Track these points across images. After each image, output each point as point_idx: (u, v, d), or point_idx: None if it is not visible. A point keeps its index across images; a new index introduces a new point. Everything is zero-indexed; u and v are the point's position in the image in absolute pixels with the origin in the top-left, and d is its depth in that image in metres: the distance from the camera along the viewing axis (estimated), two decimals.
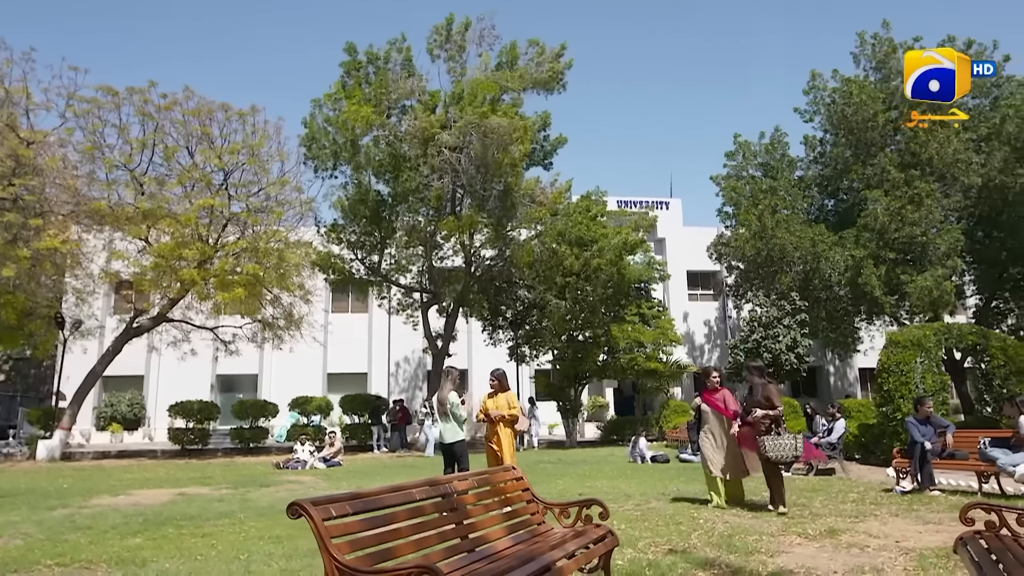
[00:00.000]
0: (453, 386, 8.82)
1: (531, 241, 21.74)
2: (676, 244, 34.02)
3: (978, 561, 3.31)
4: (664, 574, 5.08)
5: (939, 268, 22.45)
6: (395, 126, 20.74)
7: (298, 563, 5.96)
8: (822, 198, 28.66)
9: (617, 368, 23.83)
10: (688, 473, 13.75)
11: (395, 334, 31.43)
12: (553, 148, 23.26)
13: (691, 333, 34.72)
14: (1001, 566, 3.11)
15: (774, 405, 8.26)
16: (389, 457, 20.53)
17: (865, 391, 34.57)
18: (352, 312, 32.91)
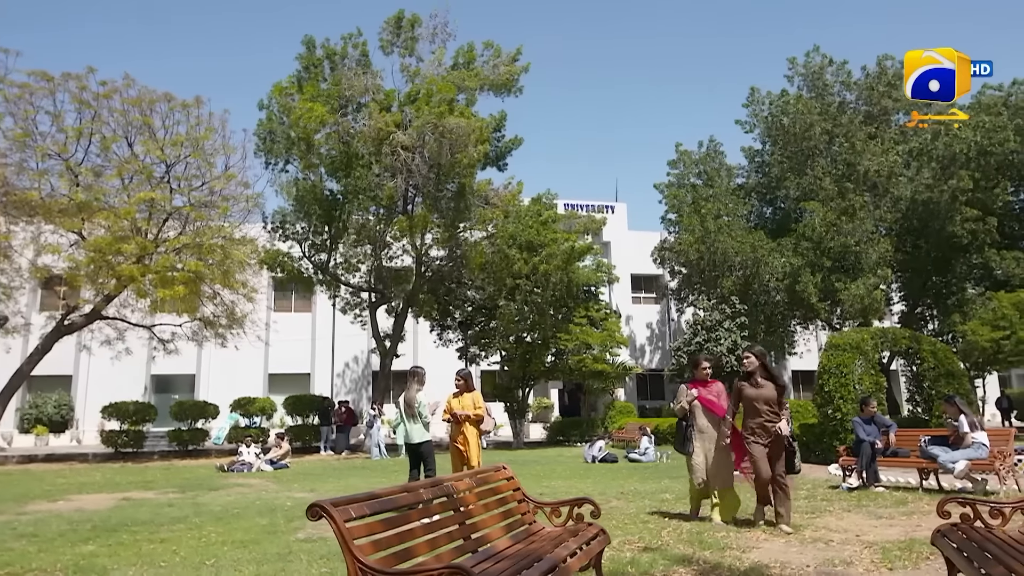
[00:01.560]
0: (421, 387, 8.76)
1: (483, 243, 21.76)
2: (621, 248, 34.62)
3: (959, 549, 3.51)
4: (646, 571, 5.18)
5: (870, 276, 23.58)
6: (349, 123, 20.42)
7: (270, 568, 5.82)
8: (761, 206, 29.73)
9: (565, 369, 24.10)
10: (641, 472, 14.05)
11: (340, 334, 30.92)
12: (507, 149, 23.35)
13: (634, 335, 35.37)
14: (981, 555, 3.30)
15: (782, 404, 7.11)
16: (336, 459, 20.18)
17: (799, 392, 35.91)
18: (295, 311, 32.22)
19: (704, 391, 7.55)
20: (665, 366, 33.85)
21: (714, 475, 7.29)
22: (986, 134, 23.63)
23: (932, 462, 9.10)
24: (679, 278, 29.26)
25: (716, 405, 7.46)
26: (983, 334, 23.13)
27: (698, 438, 7.46)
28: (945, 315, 26.42)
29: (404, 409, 8.68)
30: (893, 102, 27.07)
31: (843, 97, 27.60)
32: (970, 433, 8.89)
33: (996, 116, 24.31)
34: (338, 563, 5.87)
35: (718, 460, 7.32)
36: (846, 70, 27.40)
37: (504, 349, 24.18)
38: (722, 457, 7.31)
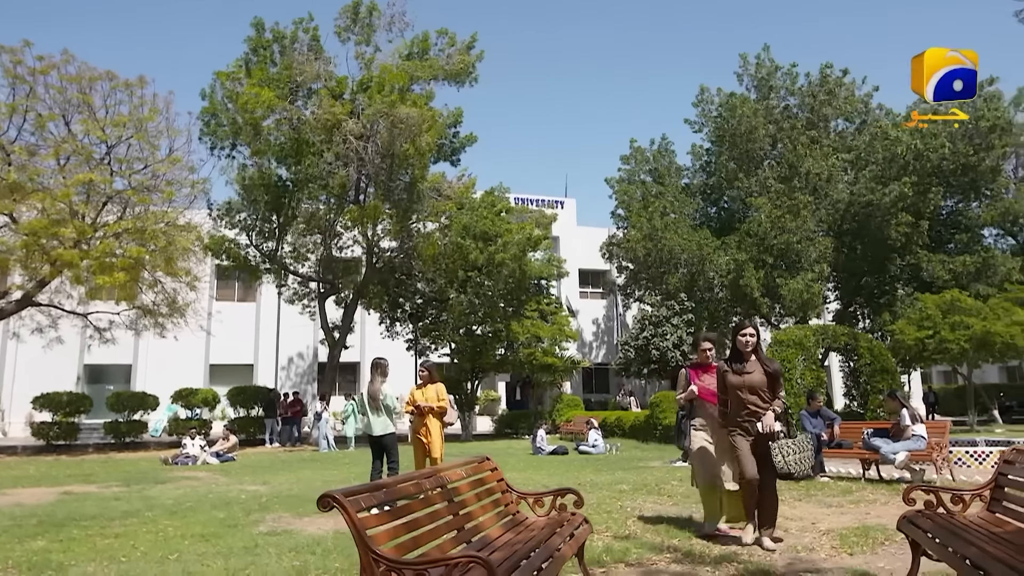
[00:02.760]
0: (384, 378, 8.71)
1: (436, 233, 21.65)
2: (569, 243, 34.94)
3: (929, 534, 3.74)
4: (622, 559, 5.31)
5: (810, 273, 24.51)
6: (299, 110, 19.98)
7: (239, 561, 5.72)
8: (706, 205, 30.50)
9: (516, 363, 24.24)
10: (593, 464, 14.28)
11: (285, 324, 30.29)
12: (462, 145, 23.27)
13: (581, 330, 35.81)
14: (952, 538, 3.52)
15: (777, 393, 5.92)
16: (283, 451, 19.83)
17: None
18: (239, 300, 31.38)
19: (707, 378, 6.43)
20: (612, 360, 34.39)
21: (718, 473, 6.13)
22: (923, 140, 24.82)
23: (874, 453, 9.56)
24: (626, 274, 29.75)
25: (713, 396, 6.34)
26: (910, 333, 24.33)
27: (701, 430, 6.37)
28: (876, 314, 27.65)
29: (368, 401, 8.61)
30: (833, 109, 28.15)
31: (787, 102, 28.53)
32: (910, 426, 9.38)
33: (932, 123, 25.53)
34: (308, 555, 5.82)
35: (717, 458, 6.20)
36: (793, 73, 28.31)
37: (454, 341, 24.15)
38: (720, 455, 6.21)
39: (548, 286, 26.68)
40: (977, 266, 25.96)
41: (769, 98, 28.50)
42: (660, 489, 9.72)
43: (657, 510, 7.84)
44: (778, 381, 5.84)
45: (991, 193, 28.48)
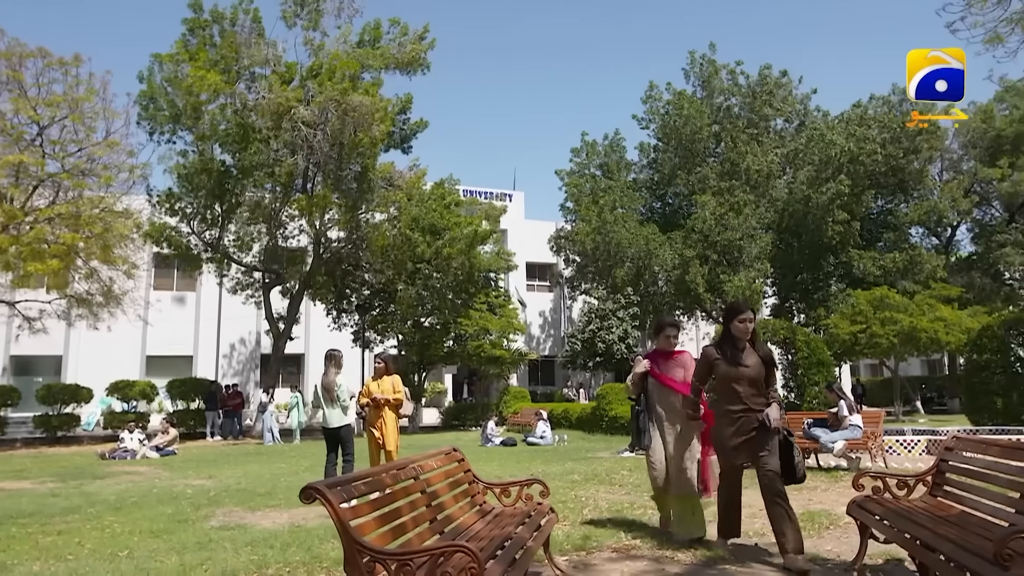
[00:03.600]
0: (339, 370, 8.62)
1: (385, 225, 21.43)
2: (517, 236, 35.07)
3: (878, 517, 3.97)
4: (582, 547, 5.43)
5: (751, 270, 25.28)
6: (244, 95, 19.43)
7: (193, 557, 5.61)
8: (652, 200, 31.06)
9: (464, 355, 24.26)
10: (542, 455, 14.44)
11: (226, 315, 29.50)
12: (412, 132, 23.05)
13: (528, 323, 36.05)
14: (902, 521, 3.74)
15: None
16: (225, 444, 19.38)
17: None
18: (178, 290, 30.38)
19: (665, 364, 5.71)
20: (559, 353, 34.76)
21: (674, 477, 5.52)
22: (857, 143, 25.86)
23: (814, 442, 9.99)
24: (573, 267, 30.07)
25: (677, 383, 5.59)
26: (843, 327, 25.38)
27: (656, 427, 5.63)
28: (811, 309, 28.73)
29: (322, 393, 8.51)
30: (772, 110, 29.04)
31: (730, 101, 29.26)
32: (848, 416, 9.84)
33: (866, 128, 26.66)
34: (266, 550, 5.75)
35: (677, 457, 5.53)
36: (736, 73, 29.03)
37: (402, 333, 24.00)
38: (683, 453, 5.53)
39: (497, 279, 26.77)
40: (904, 263, 27.24)
41: (713, 97, 29.19)
42: (611, 479, 9.92)
43: (610, 499, 8.01)
44: (773, 369, 5.11)
45: (918, 194, 29.90)
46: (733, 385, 4.93)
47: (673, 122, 27.82)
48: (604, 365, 28.56)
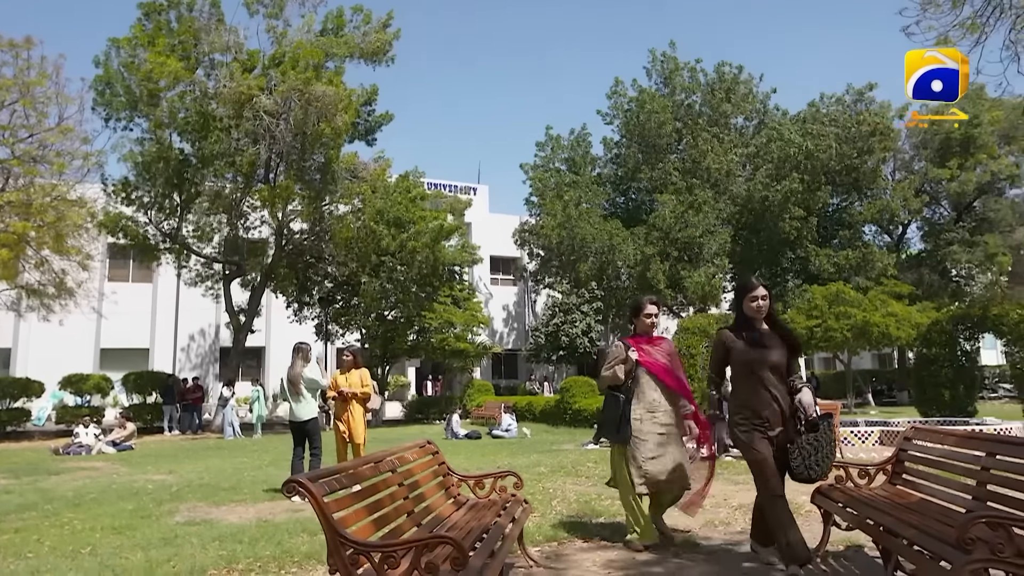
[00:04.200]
0: (306, 363, 8.55)
1: (349, 217, 21.20)
2: (481, 230, 35.05)
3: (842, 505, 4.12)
4: (554, 538, 5.51)
5: (710, 266, 25.73)
6: (204, 82, 18.97)
7: (160, 553, 5.54)
8: (615, 196, 31.36)
9: (428, 348, 24.20)
10: (508, 448, 14.54)
11: (184, 307, 28.85)
12: (377, 124, 22.79)
13: (491, 316, 36.10)
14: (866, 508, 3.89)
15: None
16: (184, 439, 19.02)
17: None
18: (134, 281, 29.57)
19: (650, 349, 5.16)
20: (522, 346, 34.87)
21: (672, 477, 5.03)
22: (814, 140, 26.47)
23: None
24: (538, 261, 30.19)
25: (667, 372, 5.11)
26: (800, 322, 26.02)
27: (645, 419, 5.01)
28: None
29: (288, 387, 8.43)
30: (732, 107, 29.55)
31: (692, 98, 29.68)
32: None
33: (821, 125, 27.31)
34: (234, 545, 5.70)
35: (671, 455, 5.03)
36: (698, 69, 29.45)
37: (365, 327, 23.82)
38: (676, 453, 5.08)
39: (462, 272, 26.73)
40: (858, 260, 28.01)
41: (675, 94, 29.57)
42: (577, 471, 10.05)
43: (578, 491, 8.13)
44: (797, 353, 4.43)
45: (871, 193, 30.75)
46: (756, 372, 4.22)
47: (637, 118, 28.12)
48: (567, 359, 28.75)
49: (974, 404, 16.04)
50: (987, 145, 29.93)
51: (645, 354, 5.11)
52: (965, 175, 29.50)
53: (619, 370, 5.10)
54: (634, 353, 5.09)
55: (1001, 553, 2.45)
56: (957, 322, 16.29)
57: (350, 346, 9.35)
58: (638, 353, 5.11)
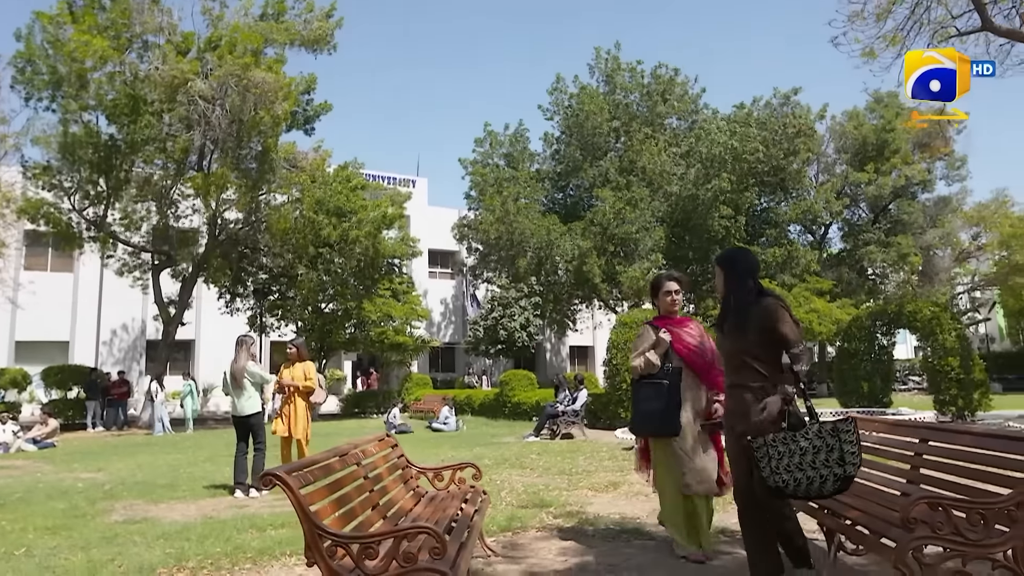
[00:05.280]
0: (250, 356, 8.39)
1: (286, 207, 20.71)
2: (420, 223, 34.85)
3: None
4: (508, 527, 5.63)
5: (645, 262, 26.33)
6: (136, 64, 18.14)
7: (102, 552, 5.39)
8: (554, 191, 31.68)
9: (367, 342, 23.93)
10: (449, 441, 14.59)
11: (108, 298, 27.59)
12: (316, 114, 22.29)
13: (429, 310, 35.95)
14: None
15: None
16: (110, 435, 18.26)
17: (574, 366, 39.00)
18: (52, 271, 28.04)
19: (679, 332, 4.59)
20: (460, 339, 34.88)
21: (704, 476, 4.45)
22: (740, 141, 27.39)
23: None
24: (476, 255, 30.23)
25: (699, 359, 4.51)
26: None
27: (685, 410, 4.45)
28: (701, 300, 30.31)
29: (231, 381, 8.26)
30: (667, 108, 30.28)
31: (630, 98, 30.23)
32: None
33: (747, 127, 28.26)
34: (181, 542, 5.59)
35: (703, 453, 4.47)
36: (639, 71, 30.01)
37: (301, 319, 23.37)
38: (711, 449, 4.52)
39: (401, 265, 26.51)
40: (783, 258, 29.16)
41: (615, 93, 30.06)
42: (521, 463, 10.21)
43: (525, 482, 8.27)
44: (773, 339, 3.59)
45: (796, 194, 32.07)
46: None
47: (576, 116, 28.46)
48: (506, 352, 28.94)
49: (889, 396, 17.01)
50: (902, 151, 31.67)
51: (675, 337, 4.54)
52: (882, 179, 31.11)
53: (652, 356, 4.50)
54: (667, 335, 4.50)
55: (940, 531, 2.69)
56: (875, 318, 17.20)
57: (295, 339, 9.21)
58: (680, 339, 4.54)
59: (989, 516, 2.69)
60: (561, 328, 32.38)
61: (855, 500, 3.54)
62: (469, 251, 30.64)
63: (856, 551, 3.91)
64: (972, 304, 40.50)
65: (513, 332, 26.84)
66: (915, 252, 31.07)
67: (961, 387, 14.21)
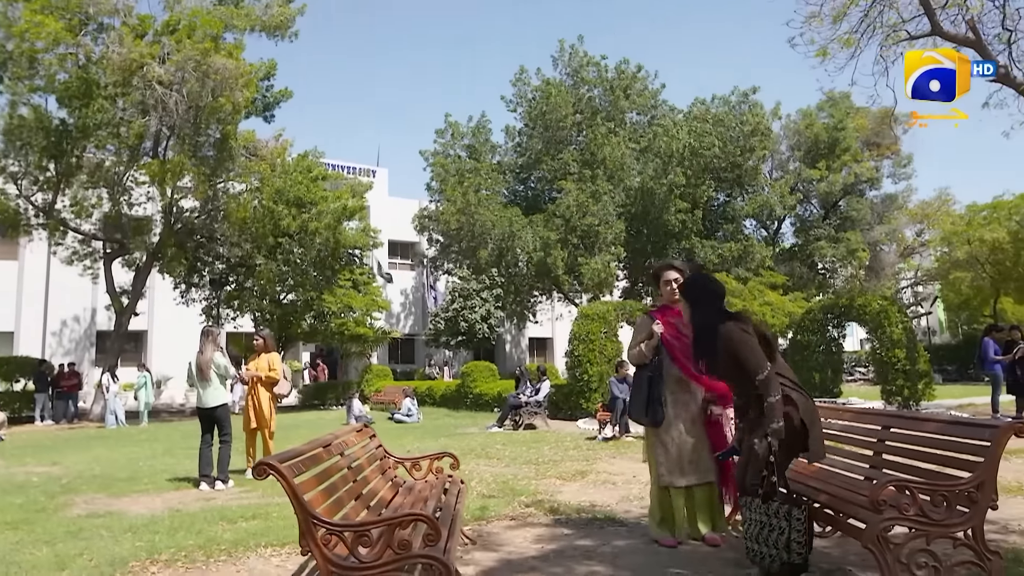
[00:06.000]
0: (216, 347, 8.28)
1: (245, 196, 20.29)
2: (380, 213, 34.51)
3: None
4: (482, 517, 5.71)
5: (606, 254, 26.65)
6: (90, 46, 17.50)
7: (69, 547, 5.31)
8: (515, 183, 31.75)
9: (327, 333, 23.67)
10: (412, 432, 14.58)
11: (56, 287, 26.65)
12: (276, 101, 21.88)
13: (389, 301, 35.69)
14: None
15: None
16: (60, 428, 17.73)
17: (533, 357, 39.24)
18: None
19: (675, 323, 4.61)
20: (422, 331, 34.73)
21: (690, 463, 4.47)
22: (697, 138, 27.86)
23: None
24: (437, 246, 30.13)
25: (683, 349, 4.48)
26: None
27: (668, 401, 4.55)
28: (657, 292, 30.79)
29: (196, 372, 8.15)
30: (629, 103, 30.60)
31: (593, 92, 30.45)
32: None
33: (704, 123, 28.75)
34: (150, 535, 5.54)
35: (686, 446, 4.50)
36: (602, 65, 30.22)
37: (259, 310, 22.99)
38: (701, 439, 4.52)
39: (362, 256, 26.26)
40: (739, 252, 29.80)
41: (579, 87, 30.23)
42: (488, 453, 10.31)
43: (493, 472, 8.37)
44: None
45: (752, 189, 32.79)
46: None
47: (540, 108, 28.55)
48: (466, 344, 28.93)
49: (839, 386, 17.62)
50: (852, 149, 32.65)
51: (670, 328, 4.58)
52: (833, 176, 32.04)
53: (644, 347, 4.61)
54: (659, 326, 4.58)
55: (906, 512, 2.87)
56: (827, 311, 17.78)
57: (262, 329, 9.12)
58: (671, 330, 4.58)
59: (951, 498, 2.89)
60: (521, 320, 32.55)
61: (823, 484, 3.73)
62: (430, 242, 30.51)
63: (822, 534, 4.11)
64: (915, 298, 42.08)
65: (474, 324, 26.87)
66: (863, 248, 32.11)
67: (907, 378, 14.79)
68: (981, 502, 2.88)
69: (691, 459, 4.45)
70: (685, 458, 4.45)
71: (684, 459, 4.45)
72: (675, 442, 4.47)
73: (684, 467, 4.45)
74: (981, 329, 26.26)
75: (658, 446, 4.56)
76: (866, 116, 31.74)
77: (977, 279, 32.89)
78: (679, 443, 4.47)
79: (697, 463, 4.45)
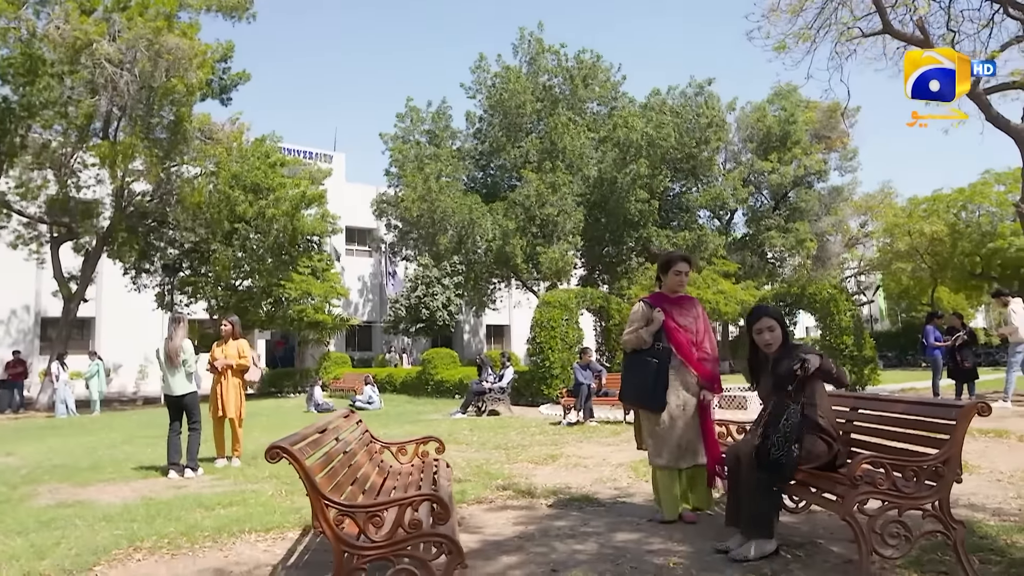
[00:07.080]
0: (185, 334, 8.17)
1: (200, 180, 19.81)
2: (337, 199, 34.05)
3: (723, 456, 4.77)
4: (462, 500, 5.82)
5: (564, 243, 26.91)
6: (33, 21, 16.80)
7: (43, 537, 5.23)
8: (475, 170, 31.74)
9: (285, 320, 23.37)
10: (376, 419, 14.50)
11: None
12: (233, 83, 21.33)
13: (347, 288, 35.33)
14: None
15: None
16: (7, 418, 17.15)
17: (491, 344, 39.42)
18: None
19: (674, 311, 4.81)
20: (378, 318, 34.52)
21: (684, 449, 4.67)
22: (655, 128, 28.28)
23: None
24: (396, 233, 29.94)
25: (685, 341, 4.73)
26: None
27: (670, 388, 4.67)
28: (615, 280, 31.26)
29: (165, 359, 8.04)
30: (588, 92, 30.84)
31: (553, 81, 30.58)
32: None
33: (661, 115, 29.20)
34: (128, 524, 5.50)
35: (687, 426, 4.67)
36: (562, 54, 30.35)
37: (215, 297, 22.55)
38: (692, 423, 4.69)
39: (320, 242, 25.95)
40: (693, 241, 30.43)
41: (539, 76, 30.31)
42: (455, 439, 10.41)
43: (464, 457, 8.49)
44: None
45: (706, 180, 33.48)
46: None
47: (500, 95, 28.55)
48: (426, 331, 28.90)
49: None
50: (802, 142, 33.59)
51: (668, 316, 4.74)
52: (783, 168, 32.92)
53: (644, 332, 4.71)
54: (660, 313, 4.70)
55: (880, 486, 3.10)
56: (779, 299, 18.36)
57: (229, 315, 9.02)
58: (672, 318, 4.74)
59: (920, 473, 3.13)
60: (481, 307, 32.65)
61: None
62: (389, 228, 30.28)
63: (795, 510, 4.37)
64: (858, 287, 43.64)
65: (435, 311, 26.85)
66: (811, 238, 33.13)
67: (854, 363, 15.45)
68: (947, 476, 3.13)
69: (689, 441, 4.65)
70: (684, 441, 4.64)
71: (683, 442, 4.64)
72: (677, 426, 4.63)
73: (683, 449, 4.64)
74: (920, 317, 27.41)
75: (651, 427, 4.74)
76: (815, 109, 32.66)
77: (917, 269, 34.34)
78: (681, 427, 4.63)
79: (694, 446, 4.66)
